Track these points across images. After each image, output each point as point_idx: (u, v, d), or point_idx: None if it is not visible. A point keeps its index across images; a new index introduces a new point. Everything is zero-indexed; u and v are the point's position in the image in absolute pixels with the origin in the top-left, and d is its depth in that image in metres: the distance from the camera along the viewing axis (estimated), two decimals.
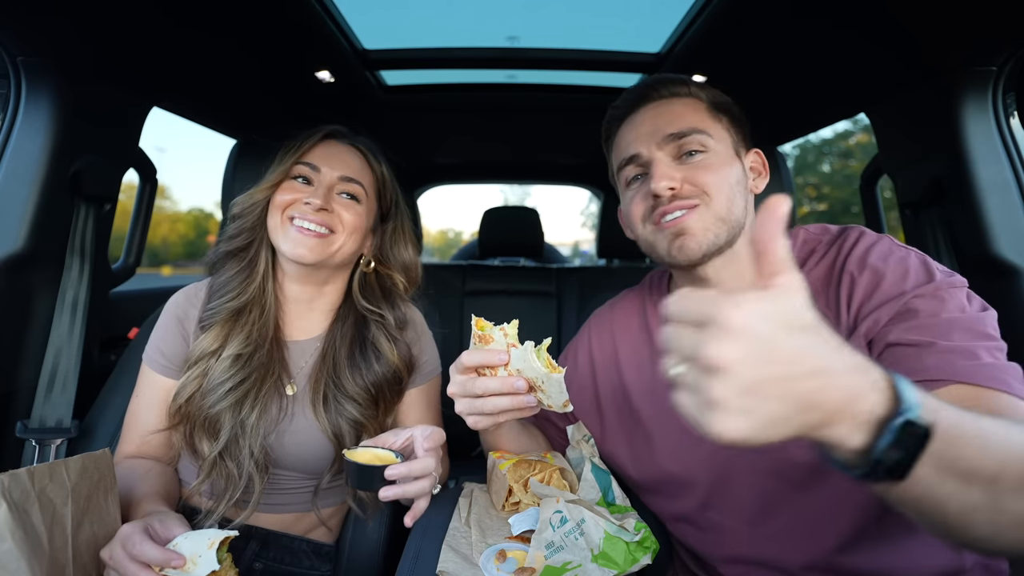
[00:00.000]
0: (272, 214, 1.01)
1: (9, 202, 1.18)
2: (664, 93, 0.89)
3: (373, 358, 1.04)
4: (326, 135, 1.06)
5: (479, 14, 1.61)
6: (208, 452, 0.94)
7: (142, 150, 1.53)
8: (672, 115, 0.86)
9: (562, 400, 0.72)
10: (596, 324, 1.08)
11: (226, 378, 0.95)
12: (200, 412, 0.95)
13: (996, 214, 1.23)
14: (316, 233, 0.98)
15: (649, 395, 0.94)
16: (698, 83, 0.90)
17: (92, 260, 1.33)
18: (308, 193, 0.99)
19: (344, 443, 0.99)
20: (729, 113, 0.89)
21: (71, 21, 1.10)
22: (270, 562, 1.01)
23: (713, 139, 0.84)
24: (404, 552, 0.85)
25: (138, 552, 0.70)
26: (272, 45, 1.43)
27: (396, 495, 0.78)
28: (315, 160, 1.02)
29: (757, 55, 1.43)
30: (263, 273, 1.04)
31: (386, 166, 1.11)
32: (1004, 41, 1.15)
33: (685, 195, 0.82)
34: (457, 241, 24.91)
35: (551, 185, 4.06)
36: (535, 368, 0.70)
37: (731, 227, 0.82)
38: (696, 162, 0.83)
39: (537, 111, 2.13)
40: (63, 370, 1.25)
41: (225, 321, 0.99)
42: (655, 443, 0.91)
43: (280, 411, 1.00)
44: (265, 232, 1.03)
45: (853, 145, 12.35)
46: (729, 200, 0.82)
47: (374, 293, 1.09)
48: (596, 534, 0.78)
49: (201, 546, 0.72)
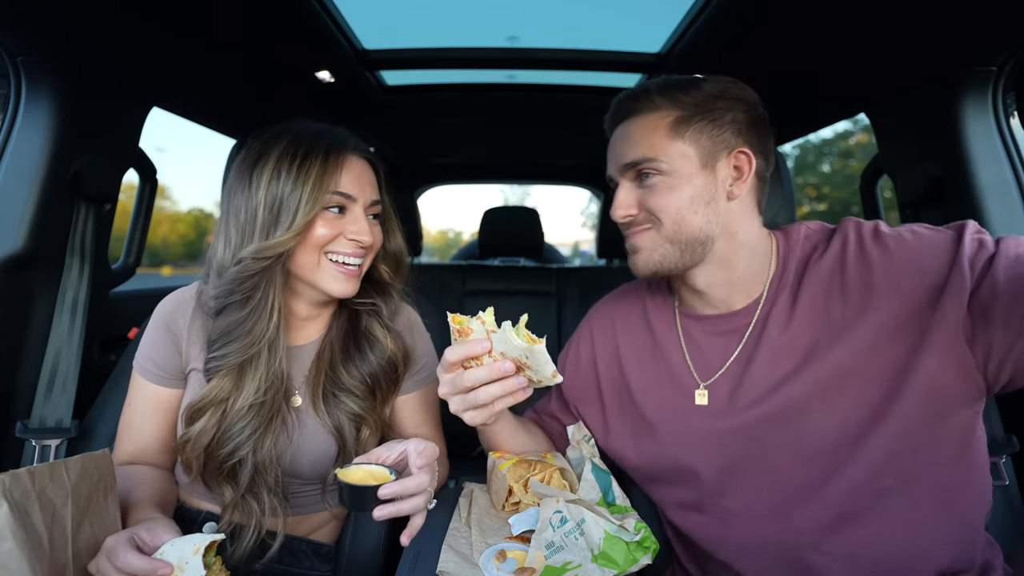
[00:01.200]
0: (307, 252, 0.90)
1: (9, 202, 1.18)
2: (630, 111, 0.89)
3: (367, 347, 1.02)
4: (346, 151, 0.94)
5: (479, 14, 1.61)
6: (228, 497, 0.92)
7: (142, 150, 1.53)
8: (629, 141, 0.87)
9: (549, 371, 0.71)
10: (597, 319, 1.09)
11: (244, 425, 0.91)
12: (216, 460, 0.91)
13: (996, 214, 1.23)
14: (358, 269, 0.95)
15: (651, 391, 0.95)
16: (670, 88, 0.86)
17: (92, 260, 1.33)
18: (345, 227, 0.91)
19: (345, 436, 0.98)
20: (705, 116, 0.85)
21: (71, 21, 1.10)
22: (270, 562, 1.01)
23: (668, 161, 0.84)
24: (404, 552, 0.85)
25: (123, 563, 0.69)
26: (272, 45, 1.43)
27: (390, 514, 0.77)
28: (348, 188, 0.91)
29: (757, 55, 1.43)
30: (276, 316, 0.92)
31: (381, 164, 1.04)
32: (1004, 41, 1.15)
33: (639, 222, 0.88)
34: (457, 241, 24.88)
35: (551, 185, 4.06)
36: (517, 346, 0.70)
37: (685, 245, 0.85)
38: (651, 185, 0.86)
39: (537, 111, 2.13)
40: (63, 370, 1.25)
41: (234, 367, 0.92)
42: (660, 433, 0.92)
43: (290, 427, 0.98)
44: (276, 272, 0.91)
45: (853, 145, 12.34)
46: (678, 222, 0.84)
47: (366, 286, 1.05)
48: (596, 534, 0.78)
49: (187, 552, 0.71)
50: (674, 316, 0.97)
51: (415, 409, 1.10)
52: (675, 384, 0.92)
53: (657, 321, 0.98)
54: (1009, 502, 1.10)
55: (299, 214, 0.87)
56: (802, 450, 0.79)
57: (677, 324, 0.96)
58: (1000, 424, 1.15)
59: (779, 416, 0.81)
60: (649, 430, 0.93)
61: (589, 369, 1.05)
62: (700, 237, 0.85)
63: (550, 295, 2.11)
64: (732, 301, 0.89)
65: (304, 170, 0.88)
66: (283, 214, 0.88)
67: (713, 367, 0.90)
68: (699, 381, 0.90)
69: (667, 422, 0.91)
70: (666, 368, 0.94)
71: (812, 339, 0.81)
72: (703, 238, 0.85)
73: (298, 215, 0.87)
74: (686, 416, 0.90)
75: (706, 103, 0.85)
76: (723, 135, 0.85)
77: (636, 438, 0.96)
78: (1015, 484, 1.12)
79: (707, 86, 0.86)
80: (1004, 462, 1.12)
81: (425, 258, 4.13)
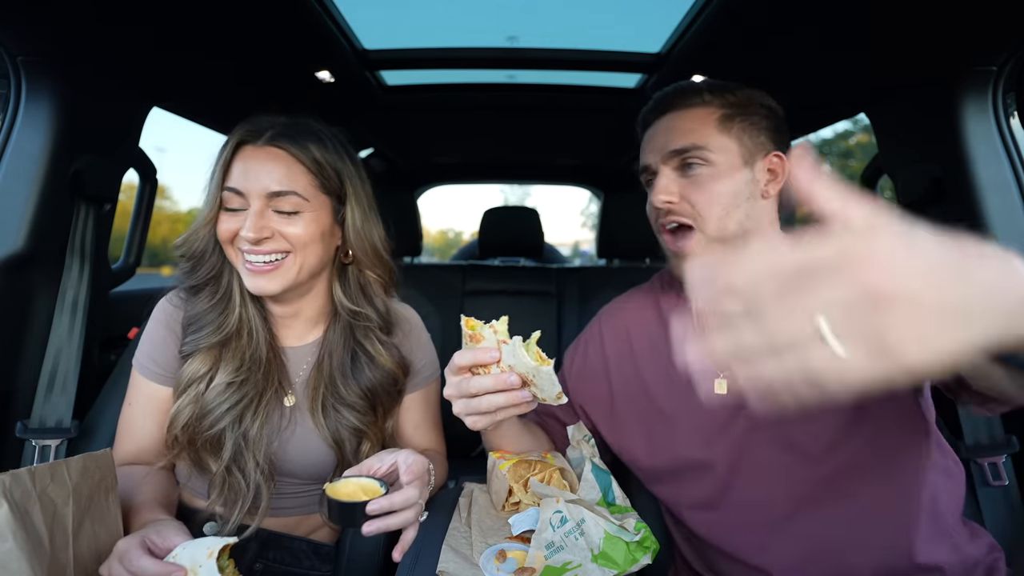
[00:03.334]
0: (224, 247, 0.94)
1: (9, 202, 1.18)
2: (679, 104, 0.92)
3: (366, 364, 1.01)
4: (239, 142, 0.92)
5: (479, 14, 1.61)
6: (215, 468, 0.92)
7: (142, 150, 1.53)
8: (679, 130, 0.89)
9: (554, 392, 0.72)
10: (607, 319, 1.10)
11: (222, 400, 0.92)
12: (199, 434, 0.92)
13: (996, 214, 1.22)
14: (269, 264, 0.90)
15: (667, 382, 0.95)
16: (717, 88, 0.91)
17: (92, 260, 1.33)
18: (243, 221, 0.89)
19: (345, 450, 0.98)
20: (747, 117, 0.89)
21: (71, 21, 1.10)
22: (270, 563, 1.01)
23: (714, 152, 0.87)
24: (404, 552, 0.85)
25: (136, 567, 0.69)
26: (272, 45, 1.43)
27: (379, 529, 0.77)
28: (235, 182, 0.90)
29: (757, 55, 1.43)
30: (240, 302, 0.97)
31: (321, 145, 0.94)
32: (1004, 41, 1.15)
33: (678, 212, 0.89)
34: (457, 241, 24.89)
35: (551, 185, 4.06)
36: (525, 363, 0.71)
37: (730, 242, 0.87)
38: (694, 175, 0.88)
39: (537, 111, 2.13)
40: (63, 370, 1.25)
41: (210, 348, 0.95)
42: (676, 427, 0.92)
43: (282, 419, 0.98)
44: (226, 264, 0.97)
45: (853, 145, 12.33)
46: (722, 217, 0.86)
47: (355, 292, 1.02)
48: (596, 534, 0.78)
49: (200, 556, 0.71)
50: (692, 311, 0.97)
51: (415, 409, 1.10)
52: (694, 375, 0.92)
53: (673, 316, 0.99)
54: (1009, 502, 1.11)
55: (206, 206, 0.92)
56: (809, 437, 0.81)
57: (695, 318, 0.96)
58: (1000, 424, 1.15)
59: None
60: (667, 424, 0.94)
61: (598, 370, 1.05)
62: (740, 233, 0.87)
63: (550, 295, 2.11)
64: None
65: (215, 165, 0.93)
66: (202, 208, 0.94)
67: None
68: (718, 370, 0.90)
69: (686, 413, 0.92)
70: (684, 360, 0.94)
71: None
72: (742, 233, 0.87)
73: (205, 208, 0.92)
74: (705, 406, 0.90)
75: (747, 106, 0.90)
76: (760, 138, 0.89)
77: (650, 435, 0.96)
78: (1015, 484, 1.12)
79: (746, 91, 0.91)
80: (1004, 462, 1.12)
81: (425, 258, 4.13)
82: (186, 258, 0.96)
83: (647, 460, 0.96)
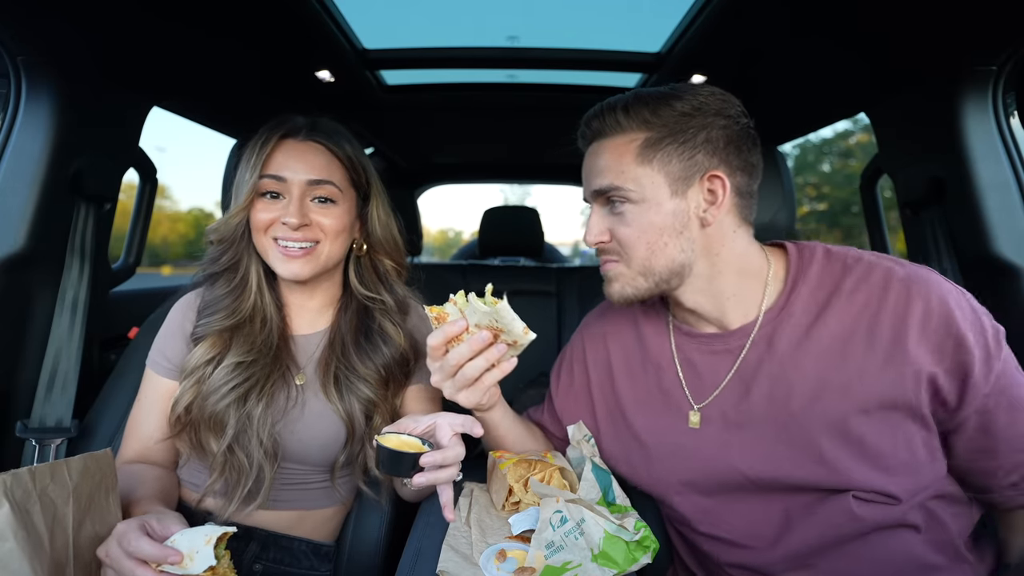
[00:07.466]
0: (256, 235, 0.99)
1: (9, 202, 1.18)
2: (599, 132, 0.85)
3: (380, 342, 1.04)
4: (281, 136, 0.99)
5: (479, 14, 1.61)
6: (216, 448, 0.93)
7: (142, 150, 1.53)
8: (596, 169, 0.85)
9: (519, 328, 0.75)
10: (588, 332, 1.07)
11: (227, 380, 0.95)
12: (202, 414, 0.94)
13: (996, 214, 1.23)
14: (303, 251, 0.97)
15: (643, 409, 0.94)
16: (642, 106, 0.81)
17: (92, 260, 1.33)
18: (281, 210, 0.97)
19: (356, 425, 1.00)
20: (676, 138, 0.79)
21: (71, 21, 1.10)
22: (270, 563, 1.01)
23: (635, 189, 0.80)
24: (404, 552, 0.85)
25: (134, 548, 0.69)
26: (272, 45, 1.43)
27: (428, 481, 0.78)
28: (278, 170, 0.97)
29: (757, 55, 1.43)
30: (256, 288, 1.03)
31: (351, 144, 1.04)
32: (1004, 41, 1.15)
33: (608, 250, 0.86)
34: (457, 241, 24.88)
35: (551, 185, 4.06)
36: (484, 311, 0.74)
37: (659, 277, 0.83)
38: (620, 213, 0.83)
39: (537, 111, 2.13)
40: (63, 370, 1.25)
41: (221, 332, 0.98)
42: (652, 456, 0.91)
43: (288, 400, 1.00)
44: (252, 248, 1.02)
45: (853, 145, 12.34)
46: (648, 253, 0.82)
47: (371, 278, 1.09)
48: (596, 534, 0.78)
49: (198, 542, 0.71)
50: (667, 330, 0.95)
51: (422, 399, 1.11)
52: (668, 403, 0.91)
53: (650, 335, 0.96)
54: None
55: (242, 194, 0.97)
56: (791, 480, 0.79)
57: (671, 339, 0.94)
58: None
59: (779, 442, 0.80)
60: (642, 450, 0.92)
61: (582, 387, 1.04)
62: (674, 267, 0.82)
63: (550, 295, 2.11)
64: (727, 320, 0.86)
65: (247, 156, 0.98)
66: (236, 197, 0.99)
67: (707, 387, 0.87)
68: (692, 403, 0.88)
69: (660, 445, 0.90)
70: (658, 386, 0.92)
71: (819, 378, 0.77)
72: (677, 268, 0.83)
73: (241, 195, 0.97)
74: (679, 438, 0.88)
75: (677, 124, 0.79)
76: (695, 157, 0.79)
77: (629, 457, 0.95)
78: None
79: (679, 104, 0.80)
80: None
81: (425, 258, 4.13)
82: (217, 242, 1.01)
83: (631, 479, 0.96)
